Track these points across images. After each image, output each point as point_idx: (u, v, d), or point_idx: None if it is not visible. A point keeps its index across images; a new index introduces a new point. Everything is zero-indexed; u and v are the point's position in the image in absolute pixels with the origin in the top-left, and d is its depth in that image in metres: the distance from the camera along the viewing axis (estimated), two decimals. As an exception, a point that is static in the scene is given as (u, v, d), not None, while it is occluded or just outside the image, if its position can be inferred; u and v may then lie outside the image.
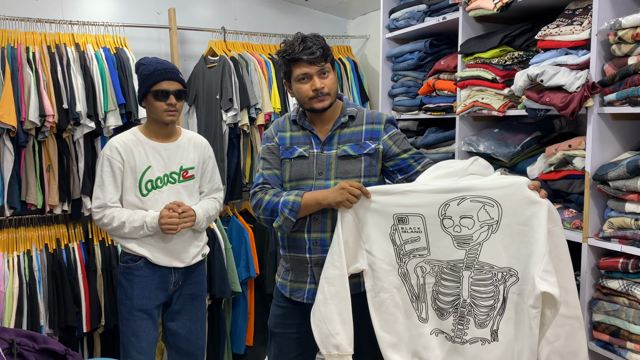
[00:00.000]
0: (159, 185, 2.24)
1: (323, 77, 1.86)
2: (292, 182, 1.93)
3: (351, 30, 4.02)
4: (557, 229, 1.64)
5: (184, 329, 2.34)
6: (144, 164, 2.21)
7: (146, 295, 2.24)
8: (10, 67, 2.67)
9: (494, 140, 2.31)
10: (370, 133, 1.92)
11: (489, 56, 2.26)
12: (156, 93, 2.15)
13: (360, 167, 1.89)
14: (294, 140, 1.96)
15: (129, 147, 2.21)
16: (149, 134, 2.27)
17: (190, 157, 2.31)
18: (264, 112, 3.26)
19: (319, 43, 1.84)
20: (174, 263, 2.26)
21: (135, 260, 2.24)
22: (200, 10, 3.58)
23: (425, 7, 2.72)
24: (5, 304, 2.67)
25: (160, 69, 2.15)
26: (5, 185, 2.71)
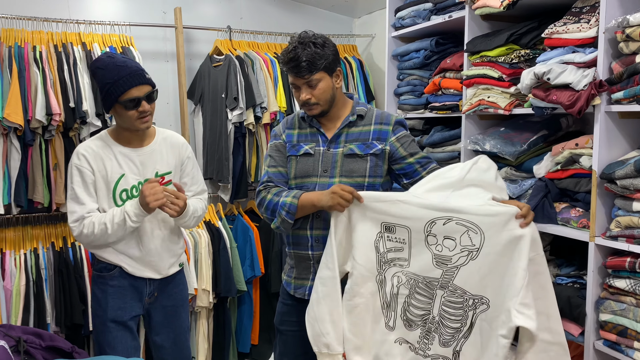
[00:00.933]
0: (135, 194, 2.04)
1: (310, 87, 1.85)
2: (297, 179, 1.94)
3: (357, 29, 4.02)
4: (539, 257, 1.63)
5: (168, 341, 2.21)
6: (116, 173, 2.02)
7: (120, 306, 2.09)
8: (17, 66, 2.68)
9: (500, 139, 2.30)
10: (378, 133, 1.92)
11: (496, 54, 2.24)
12: (126, 103, 1.92)
13: (365, 166, 1.89)
14: (301, 138, 1.97)
15: (98, 155, 2.01)
16: (119, 139, 2.05)
17: (165, 160, 2.11)
18: (269, 111, 3.27)
19: (308, 54, 1.80)
20: (150, 274, 2.11)
21: (109, 270, 2.08)
22: (206, 9, 3.58)
23: (431, 5, 2.71)
24: (12, 302, 2.69)
25: (125, 75, 1.90)
26: (12, 183, 2.72)
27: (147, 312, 2.18)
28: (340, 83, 1.94)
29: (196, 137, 3.53)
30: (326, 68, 1.85)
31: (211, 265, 3.13)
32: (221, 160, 3.27)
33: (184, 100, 3.31)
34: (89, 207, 2.00)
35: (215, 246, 3.16)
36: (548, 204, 2.10)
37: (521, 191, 2.24)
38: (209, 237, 3.15)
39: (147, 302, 2.15)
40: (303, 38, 1.85)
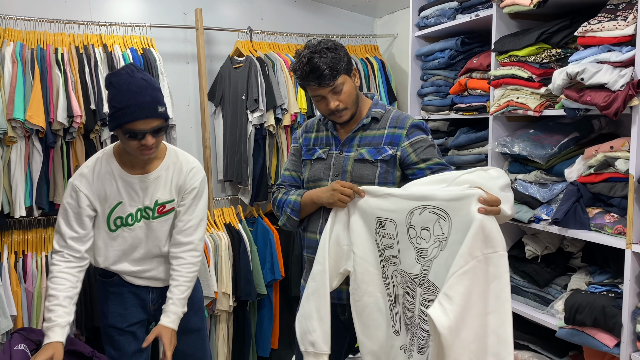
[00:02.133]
0: (129, 222, 1.95)
1: (336, 94, 1.78)
2: (310, 183, 1.92)
3: (378, 29, 3.96)
4: (497, 256, 1.40)
5: (182, 345, 2.09)
6: (114, 199, 1.92)
7: (121, 312, 2.02)
8: (39, 68, 2.68)
9: (530, 141, 2.23)
10: (391, 138, 1.83)
11: (525, 54, 2.18)
12: (128, 132, 1.77)
13: (375, 173, 1.82)
14: (317, 142, 1.95)
15: (99, 178, 1.91)
16: (123, 162, 1.93)
17: (168, 188, 1.97)
18: (290, 112, 3.23)
19: (326, 61, 1.73)
20: (150, 283, 2.05)
21: (110, 276, 2.01)
22: (227, 11, 3.56)
23: (457, 4, 2.65)
24: (34, 304, 2.69)
25: (133, 105, 1.72)
26: (34, 185, 2.72)
27: (155, 318, 2.10)
28: (358, 81, 1.89)
29: (216, 139, 3.51)
30: (345, 70, 1.79)
31: (231, 268, 3.10)
32: (241, 162, 3.24)
33: (204, 102, 3.29)
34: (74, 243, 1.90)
35: (235, 249, 3.13)
36: (580, 209, 2.03)
37: (552, 195, 2.17)
38: (229, 240, 3.12)
39: (152, 308, 2.09)
40: (313, 48, 1.77)
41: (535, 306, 2.29)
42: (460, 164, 2.65)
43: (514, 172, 2.34)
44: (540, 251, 2.27)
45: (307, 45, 1.79)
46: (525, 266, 2.35)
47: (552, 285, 2.25)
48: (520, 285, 2.38)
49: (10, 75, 2.61)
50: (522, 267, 2.36)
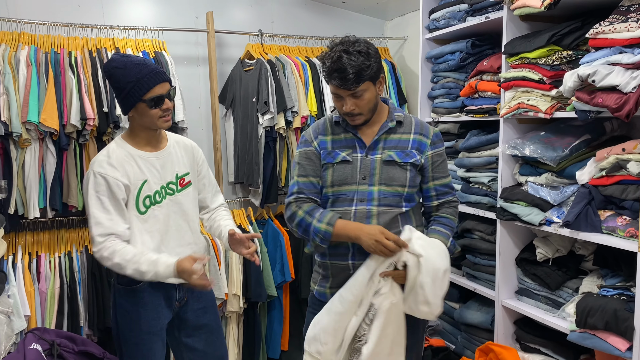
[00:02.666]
0: (158, 200, 1.98)
1: (355, 99, 1.77)
2: (335, 187, 1.88)
3: (389, 32, 3.96)
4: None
5: (201, 343, 2.15)
6: (139, 179, 1.93)
7: (154, 316, 2.01)
8: (53, 72, 2.71)
9: (541, 144, 2.22)
10: (418, 144, 1.87)
11: (536, 56, 2.17)
12: (151, 101, 1.86)
13: (405, 176, 1.85)
14: (335, 144, 1.90)
15: (119, 162, 1.91)
16: (137, 144, 1.97)
17: (182, 162, 2.06)
18: (300, 115, 3.24)
19: (355, 65, 1.70)
20: (180, 280, 1.98)
21: (138, 282, 1.96)
22: (238, 14, 3.58)
23: (467, 6, 2.64)
24: (47, 304, 2.72)
25: (147, 73, 1.85)
26: (48, 187, 2.76)
27: (177, 315, 2.12)
28: (382, 90, 1.87)
29: (227, 141, 3.53)
30: (371, 77, 1.77)
31: (242, 270, 3.11)
32: (252, 164, 3.25)
33: (215, 105, 3.31)
34: (119, 222, 1.89)
35: (245, 251, 3.14)
36: (592, 212, 2.02)
37: (563, 198, 2.16)
38: (240, 242, 3.13)
39: (177, 306, 2.11)
40: (347, 46, 1.74)
41: (546, 309, 2.28)
42: (470, 167, 2.65)
43: (525, 174, 2.33)
44: (552, 254, 2.26)
45: (342, 41, 1.77)
46: (536, 269, 2.34)
47: (563, 288, 2.24)
48: (531, 288, 2.37)
49: (25, 79, 2.65)
50: (533, 270, 2.35)
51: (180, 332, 2.15)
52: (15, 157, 2.67)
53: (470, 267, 2.69)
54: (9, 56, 2.66)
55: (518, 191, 2.32)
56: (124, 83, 1.85)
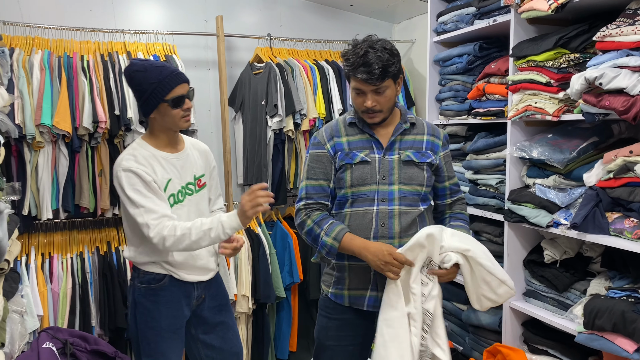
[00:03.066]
0: (180, 199, 2.03)
1: (378, 95, 1.81)
2: (354, 187, 1.88)
3: (396, 35, 3.98)
4: None
5: (217, 340, 2.20)
6: (163, 177, 1.99)
7: (174, 314, 2.06)
8: (66, 75, 2.76)
9: (548, 146, 2.22)
10: (432, 145, 1.94)
11: (543, 59, 2.18)
12: (173, 101, 1.92)
13: (423, 175, 1.91)
14: (352, 145, 1.90)
15: (145, 160, 1.96)
16: (158, 145, 2.02)
17: (199, 163, 2.13)
18: (308, 117, 3.27)
19: (381, 60, 1.74)
20: (199, 277, 2.10)
21: (159, 280, 2.03)
22: (247, 18, 3.62)
23: (475, 9, 2.66)
24: (59, 304, 2.76)
25: (168, 75, 1.91)
26: (60, 189, 2.80)
27: (194, 313, 2.16)
28: (399, 91, 1.91)
29: (236, 144, 3.56)
30: (394, 75, 1.82)
31: (250, 271, 3.14)
32: (260, 166, 3.28)
33: (225, 108, 3.34)
34: (165, 210, 1.92)
35: (254, 252, 3.17)
36: (599, 214, 2.02)
37: (570, 200, 2.16)
38: (249, 243, 3.16)
39: (195, 304, 2.15)
40: (372, 43, 1.79)
41: (554, 311, 2.28)
42: (478, 169, 2.66)
43: (533, 176, 2.34)
44: (559, 256, 2.27)
45: (367, 39, 1.81)
46: (544, 271, 2.34)
47: (571, 290, 2.25)
48: (539, 290, 2.37)
49: (39, 82, 2.70)
50: (540, 272, 2.35)
51: (197, 329, 2.19)
52: (29, 160, 2.72)
53: (478, 269, 2.69)
54: (23, 60, 2.71)
55: (526, 193, 2.33)
56: (145, 85, 1.91)
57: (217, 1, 3.50)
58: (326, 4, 3.79)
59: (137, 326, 2.08)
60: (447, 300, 2.93)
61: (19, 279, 2.50)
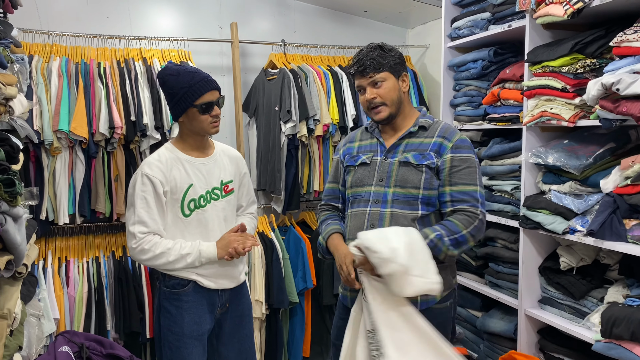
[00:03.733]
0: (202, 204, 2.05)
1: (376, 87, 1.86)
2: (352, 188, 1.96)
3: (410, 40, 3.98)
4: None
5: (234, 351, 2.20)
6: (185, 183, 2.02)
7: (197, 321, 2.06)
8: (83, 82, 2.80)
9: (564, 152, 2.21)
10: (438, 146, 1.87)
11: (559, 64, 2.17)
12: (202, 107, 1.97)
13: (420, 178, 1.84)
14: (360, 149, 1.99)
15: (167, 165, 2.01)
16: (185, 149, 2.07)
17: (227, 170, 2.15)
18: (322, 123, 3.27)
19: (371, 54, 1.85)
20: (225, 284, 2.11)
21: (183, 285, 2.04)
22: (261, 24, 3.64)
23: (490, 15, 2.65)
24: (75, 308, 2.79)
25: (199, 80, 1.96)
26: (77, 194, 2.83)
27: (218, 322, 2.17)
28: (407, 88, 1.93)
29: (250, 149, 3.58)
30: (391, 69, 1.87)
31: (264, 276, 3.15)
32: (274, 171, 3.29)
33: (239, 113, 3.36)
34: (160, 223, 2.00)
35: (268, 257, 3.18)
36: (617, 221, 2.00)
37: (587, 207, 2.14)
38: (262, 248, 3.17)
39: (218, 312, 2.14)
40: (371, 45, 1.91)
41: (570, 318, 2.26)
42: (493, 175, 2.64)
43: (548, 182, 2.32)
44: (576, 263, 2.24)
45: (369, 44, 1.92)
46: (560, 278, 2.32)
47: (587, 298, 2.22)
48: (555, 297, 2.35)
49: (57, 89, 2.74)
50: (556, 279, 2.33)
51: (219, 340, 2.19)
52: (47, 165, 2.75)
53: (493, 276, 2.68)
54: (42, 67, 2.75)
55: (541, 199, 2.31)
56: (176, 89, 1.96)
57: (232, 8, 3.53)
58: (340, 10, 3.80)
59: (160, 329, 2.11)
60: (462, 307, 2.91)
61: (36, 283, 2.53)
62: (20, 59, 2.33)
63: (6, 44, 2.08)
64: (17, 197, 1.70)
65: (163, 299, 2.09)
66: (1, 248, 1.74)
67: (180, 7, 3.42)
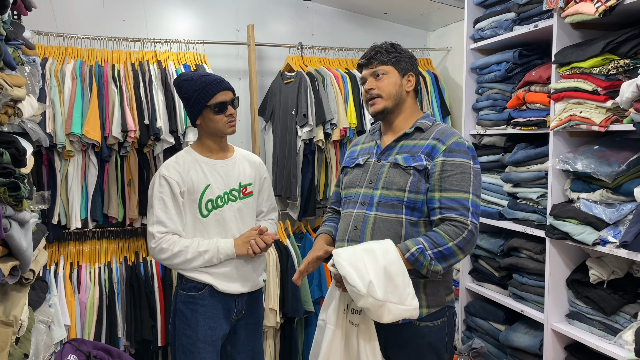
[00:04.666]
0: (220, 204, 2.07)
1: (377, 79, 1.84)
2: (345, 189, 1.93)
3: (431, 42, 3.88)
4: None
5: (248, 359, 2.19)
6: (202, 183, 2.05)
7: (211, 325, 2.06)
8: (97, 85, 2.77)
9: (594, 158, 2.09)
10: (430, 149, 1.75)
11: (589, 65, 2.05)
12: (215, 107, 2.01)
13: (407, 180, 1.74)
14: (361, 152, 1.95)
15: (185, 168, 2.06)
16: (203, 151, 2.11)
17: (247, 173, 2.17)
18: (339, 127, 3.19)
19: (381, 47, 1.84)
20: (241, 289, 2.09)
21: (199, 289, 2.06)
22: (278, 27, 3.58)
23: (514, 15, 2.54)
24: (86, 314, 2.74)
25: (211, 82, 2.03)
26: (89, 198, 2.80)
27: (233, 328, 2.16)
28: (411, 88, 1.87)
29: (266, 154, 3.51)
30: (396, 64, 1.84)
31: (279, 284, 3.07)
32: (290, 177, 3.22)
33: (254, 117, 3.30)
34: (178, 224, 2.03)
35: (283, 265, 3.10)
36: (652, 232, 1.87)
37: (619, 216, 2.02)
38: (277, 255, 3.09)
39: (234, 319, 2.14)
40: (385, 41, 1.89)
41: (600, 335, 2.13)
42: (518, 182, 2.53)
43: (577, 190, 2.20)
44: (607, 276, 2.11)
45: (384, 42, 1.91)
46: (590, 291, 2.19)
47: (619, 314, 2.09)
48: (584, 312, 2.22)
49: (70, 92, 2.71)
50: (585, 293, 2.20)
51: (233, 347, 2.18)
52: (59, 169, 2.72)
53: (517, 288, 2.55)
54: (56, 70, 2.73)
55: (569, 208, 2.19)
56: (190, 92, 2.03)
57: (249, 10, 3.48)
58: (359, 12, 3.72)
59: (175, 332, 2.11)
60: (484, 320, 2.79)
61: (47, 288, 2.50)
62: (32, 61, 2.30)
63: (17, 45, 2.06)
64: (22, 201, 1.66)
65: (179, 301, 2.10)
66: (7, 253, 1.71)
67: (197, 9, 3.38)
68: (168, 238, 2.00)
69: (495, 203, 2.71)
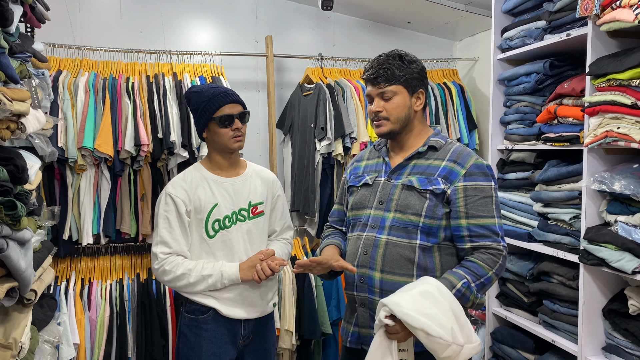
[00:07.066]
0: (227, 225, 1.97)
1: (384, 100, 1.69)
2: (353, 210, 1.80)
3: (458, 53, 3.74)
4: None
5: None
6: (209, 203, 1.95)
7: (215, 351, 1.95)
8: (110, 97, 2.72)
9: (634, 178, 1.91)
10: (448, 172, 1.65)
11: (628, 77, 1.89)
12: (220, 119, 1.92)
13: (423, 205, 1.63)
14: (367, 169, 1.83)
15: (193, 186, 1.97)
16: (212, 167, 2.02)
17: (258, 191, 2.05)
18: (359, 141, 3.07)
19: (388, 63, 1.67)
20: (248, 314, 1.98)
21: (203, 312, 1.95)
22: (298, 37, 3.50)
23: (545, 23, 2.39)
24: (97, 333, 2.67)
25: (218, 94, 1.95)
26: (102, 213, 2.74)
27: (240, 354, 2.05)
28: (420, 107, 1.73)
29: (285, 168, 3.41)
30: (406, 83, 1.68)
31: (295, 304, 2.95)
32: (308, 192, 3.11)
33: (272, 130, 3.21)
34: (184, 244, 1.94)
35: (299, 284, 2.98)
36: (701, 261, 1.69)
37: (662, 243, 1.83)
38: (294, 274, 2.98)
39: (241, 344, 2.02)
40: (392, 51, 1.73)
41: (641, 373, 1.94)
42: (549, 201, 2.36)
43: (614, 212, 2.02)
44: (648, 307, 1.93)
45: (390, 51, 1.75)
46: (629, 323, 2.01)
47: (663, 349, 1.90)
48: (622, 346, 2.03)
49: (83, 105, 2.67)
50: (624, 325, 2.02)
51: None
52: (71, 183, 2.67)
53: (548, 315, 2.37)
54: (69, 82, 2.69)
55: (606, 232, 2.01)
56: (198, 103, 1.96)
57: (269, 21, 3.40)
58: (382, 22, 3.61)
59: (179, 357, 2.01)
60: (512, 348, 2.61)
61: (56, 306, 2.43)
62: (40, 74, 2.26)
63: (24, 58, 2.01)
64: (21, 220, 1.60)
65: (183, 325, 2.01)
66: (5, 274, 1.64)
67: (216, 20, 3.32)
68: (172, 260, 1.91)
69: (524, 223, 2.54)
